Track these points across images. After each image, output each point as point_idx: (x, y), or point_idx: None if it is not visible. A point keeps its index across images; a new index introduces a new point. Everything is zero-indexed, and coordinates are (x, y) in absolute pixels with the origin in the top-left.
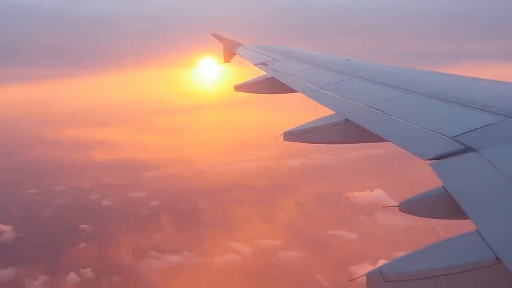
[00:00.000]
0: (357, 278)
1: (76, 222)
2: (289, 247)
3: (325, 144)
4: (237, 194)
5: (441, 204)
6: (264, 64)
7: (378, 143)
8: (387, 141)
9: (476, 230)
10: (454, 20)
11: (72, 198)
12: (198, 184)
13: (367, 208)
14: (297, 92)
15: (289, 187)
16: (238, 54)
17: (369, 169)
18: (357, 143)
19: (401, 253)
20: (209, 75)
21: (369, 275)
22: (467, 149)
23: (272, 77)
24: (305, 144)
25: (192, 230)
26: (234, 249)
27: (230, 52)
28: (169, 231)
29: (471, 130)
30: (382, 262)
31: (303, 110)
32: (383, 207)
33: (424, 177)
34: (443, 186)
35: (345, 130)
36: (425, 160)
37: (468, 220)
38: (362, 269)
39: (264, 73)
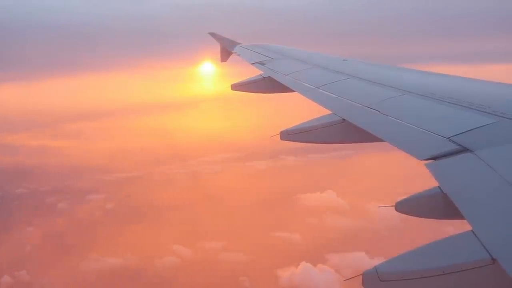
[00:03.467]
0: (353, 277)
1: (25, 225)
2: (231, 249)
3: (322, 144)
4: (186, 196)
5: (436, 205)
6: (261, 63)
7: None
8: (384, 141)
9: (472, 230)
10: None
11: (29, 200)
12: (156, 186)
13: (317, 209)
14: (294, 91)
15: (241, 189)
16: (235, 53)
17: (328, 170)
18: (354, 143)
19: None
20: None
21: (365, 275)
22: (462, 150)
23: (269, 76)
24: (299, 144)
25: (140, 232)
26: (176, 251)
27: (227, 51)
28: (115, 234)
29: (467, 131)
30: (319, 266)
31: (300, 109)
32: (379, 206)
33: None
34: (439, 187)
35: (342, 130)
36: (421, 160)
37: (463, 220)
38: (288, 272)
39: (261, 72)
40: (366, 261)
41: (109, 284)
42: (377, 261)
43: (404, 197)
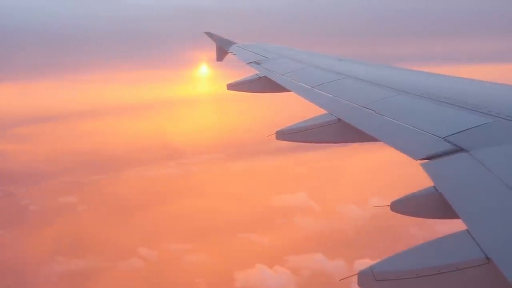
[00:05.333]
0: (348, 277)
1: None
2: (196, 250)
3: (317, 144)
4: (157, 197)
5: (432, 204)
6: (257, 63)
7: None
8: (379, 141)
9: (467, 229)
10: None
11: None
12: (129, 187)
13: (289, 210)
14: (289, 91)
15: (213, 189)
16: (231, 52)
17: (319, 171)
18: (349, 142)
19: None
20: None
21: (360, 274)
22: (458, 150)
23: (265, 76)
24: (294, 143)
25: (106, 233)
26: (140, 253)
27: (223, 50)
28: (83, 235)
29: (462, 131)
30: (276, 267)
31: (296, 109)
32: (375, 206)
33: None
34: (434, 186)
35: (338, 130)
36: (416, 160)
37: (458, 220)
38: (245, 274)
39: (257, 72)
40: (324, 262)
41: (71, 286)
42: (336, 263)
43: (400, 196)
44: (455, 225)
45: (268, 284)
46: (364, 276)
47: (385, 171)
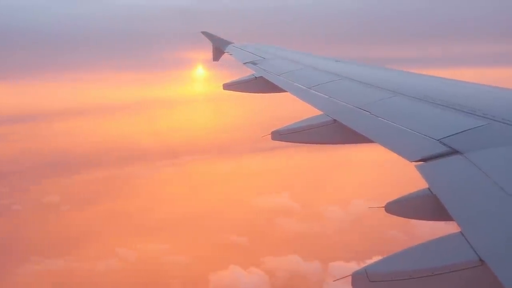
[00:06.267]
0: (342, 278)
1: None
2: (175, 251)
3: (313, 144)
4: (139, 199)
5: (426, 206)
6: (253, 63)
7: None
8: (374, 142)
9: (460, 231)
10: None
11: None
12: (111, 188)
13: (273, 211)
14: (285, 91)
15: (197, 190)
16: (227, 52)
17: (295, 172)
18: (345, 144)
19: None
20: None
21: (354, 275)
22: (453, 152)
23: (261, 76)
24: (289, 144)
25: (86, 233)
26: (118, 254)
27: (219, 50)
28: (61, 235)
29: (457, 133)
30: (251, 269)
31: (292, 110)
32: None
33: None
34: (428, 188)
35: (333, 131)
36: (411, 161)
37: (452, 222)
38: (220, 275)
39: (253, 72)
40: (300, 264)
41: (47, 286)
42: (311, 265)
43: (395, 198)
44: (449, 227)
45: (241, 285)
46: (358, 277)
47: (380, 173)
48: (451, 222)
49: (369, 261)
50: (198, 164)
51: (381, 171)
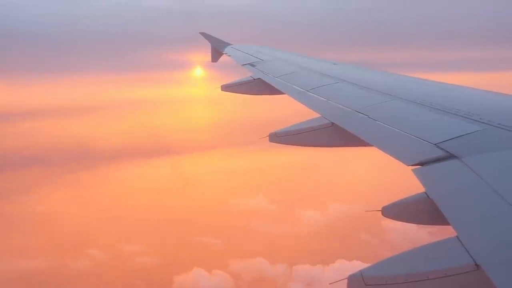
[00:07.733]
0: (338, 281)
1: None
2: (147, 253)
3: (310, 147)
4: (118, 200)
5: (423, 210)
6: (251, 65)
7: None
8: (372, 145)
9: (457, 236)
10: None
11: None
12: (90, 187)
13: (250, 214)
14: (283, 93)
15: (179, 193)
16: (226, 54)
17: (286, 174)
18: (342, 146)
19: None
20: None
21: (350, 278)
22: (449, 156)
23: (259, 78)
24: (286, 146)
25: (61, 234)
26: (91, 254)
27: (218, 51)
28: (34, 235)
29: (454, 138)
30: (215, 271)
31: (289, 112)
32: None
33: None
34: (425, 192)
35: (331, 134)
36: (408, 165)
37: (449, 226)
38: (184, 278)
39: (251, 73)
40: (266, 267)
41: (18, 287)
42: (277, 268)
43: (391, 201)
44: (445, 231)
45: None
46: (354, 281)
47: (377, 176)
48: (447, 226)
49: (332, 265)
50: (188, 164)
51: (378, 175)
